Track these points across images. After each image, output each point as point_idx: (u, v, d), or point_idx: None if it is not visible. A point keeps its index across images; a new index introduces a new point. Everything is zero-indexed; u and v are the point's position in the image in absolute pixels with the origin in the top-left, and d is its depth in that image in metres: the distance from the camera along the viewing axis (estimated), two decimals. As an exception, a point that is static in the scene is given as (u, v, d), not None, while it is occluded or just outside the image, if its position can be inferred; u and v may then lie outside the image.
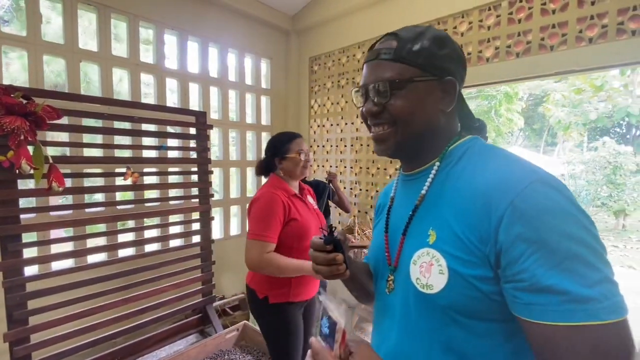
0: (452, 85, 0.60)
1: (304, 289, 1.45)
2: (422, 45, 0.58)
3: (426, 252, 0.56)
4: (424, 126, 0.60)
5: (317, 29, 3.44)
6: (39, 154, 1.58)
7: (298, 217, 1.40)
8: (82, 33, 2.30)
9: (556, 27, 2.03)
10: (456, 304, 0.52)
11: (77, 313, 1.96)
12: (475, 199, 0.52)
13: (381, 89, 0.59)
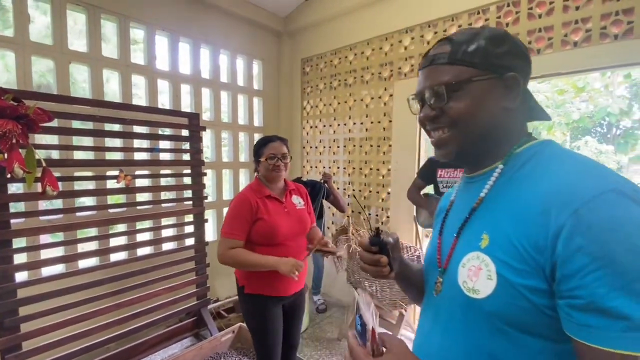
0: (514, 81, 0.56)
1: (280, 286, 1.51)
2: (478, 45, 0.56)
3: (476, 255, 0.54)
4: (486, 126, 0.57)
5: (308, 31, 3.45)
6: (31, 157, 1.55)
7: (265, 217, 1.48)
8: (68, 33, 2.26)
9: (542, 31, 2.10)
10: (503, 312, 0.49)
11: (69, 319, 1.92)
12: (535, 205, 0.48)
13: (438, 92, 0.58)
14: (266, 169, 1.55)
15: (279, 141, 1.60)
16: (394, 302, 2.32)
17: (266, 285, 1.50)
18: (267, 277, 1.47)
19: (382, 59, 2.90)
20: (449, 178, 2.22)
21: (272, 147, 1.56)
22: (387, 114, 2.90)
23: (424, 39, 2.62)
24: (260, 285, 1.50)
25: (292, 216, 1.56)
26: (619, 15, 1.84)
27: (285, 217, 1.53)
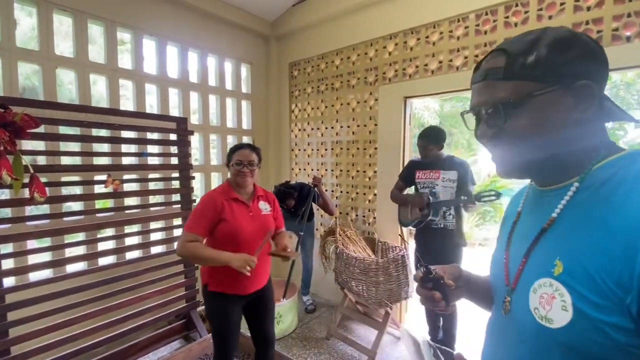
0: (587, 89, 0.49)
1: (241, 285, 1.59)
2: (539, 55, 0.50)
3: (549, 282, 0.49)
4: (553, 143, 0.52)
5: (296, 35, 3.51)
6: (19, 164, 1.56)
7: (229, 219, 1.56)
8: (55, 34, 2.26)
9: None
10: (580, 346, 0.46)
11: (58, 323, 1.94)
12: (619, 235, 0.43)
13: (495, 111, 0.53)
14: (233, 173, 1.64)
15: (248, 149, 1.68)
16: (380, 301, 2.38)
17: (228, 283, 1.58)
18: (230, 275, 1.53)
19: (367, 64, 2.97)
20: (426, 179, 2.31)
21: (240, 154, 1.64)
22: (373, 117, 2.97)
23: (407, 45, 2.70)
24: (223, 283, 1.58)
25: (256, 220, 1.64)
26: (589, 24, 1.95)
27: (249, 220, 1.61)
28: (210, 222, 1.55)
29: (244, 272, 1.43)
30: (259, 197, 1.73)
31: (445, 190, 2.23)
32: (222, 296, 1.60)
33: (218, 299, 1.61)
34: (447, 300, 0.69)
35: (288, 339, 2.69)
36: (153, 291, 2.40)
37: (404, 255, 2.45)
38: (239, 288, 1.60)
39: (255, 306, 1.72)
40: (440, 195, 2.25)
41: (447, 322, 2.31)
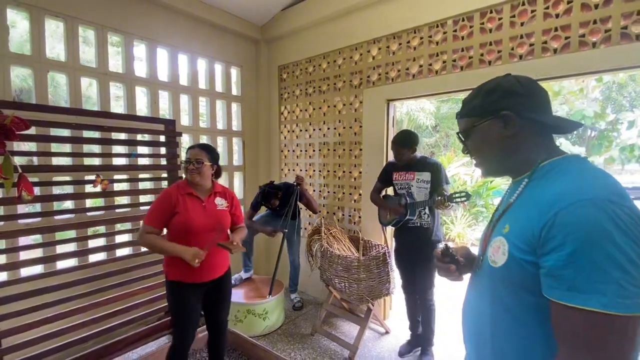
0: (508, 116, 0.75)
1: (195, 274, 1.72)
2: (475, 101, 0.81)
3: (499, 239, 0.75)
4: (497, 153, 0.80)
5: (285, 39, 3.59)
6: (8, 164, 1.64)
7: (181, 212, 1.69)
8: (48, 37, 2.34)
9: (493, 44, 2.28)
10: (511, 276, 0.71)
11: (47, 317, 2.01)
12: (539, 205, 0.66)
13: (460, 137, 0.87)
14: (184, 170, 1.78)
15: (198, 148, 1.79)
16: (361, 298, 2.46)
17: (184, 273, 1.71)
18: (185, 266, 1.66)
19: (353, 67, 3.05)
20: (402, 180, 2.39)
21: (189, 153, 1.77)
22: (358, 119, 3.05)
23: (390, 49, 2.79)
24: (179, 273, 1.72)
25: (209, 214, 1.77)
26: (558, 31, 2.03)
27: (201, 214, 1.73)
28: (164, 216, 1.68)
29: (193, 264, 1.59)
30: (216, 193, 1.84)
31: (420, 190, 2.31)
32: (179, 285, 1.73)
33: (175, 288, 1.74)
34: (459, 272, 0.93)
35: (274, 335, 2.77)
36: (141, 287, 2.47)
37: (385, 253, 2.52)
38: (194, 277, 1.73)
39: (211, 294, 1.84)
40: (415, 196, 2.33)
41: (425, 317, 2.38)
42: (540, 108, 0.77)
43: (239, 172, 3.74)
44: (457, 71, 2.45)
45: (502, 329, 0.75)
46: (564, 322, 0.62)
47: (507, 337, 0.74)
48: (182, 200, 1.71)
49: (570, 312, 0.59)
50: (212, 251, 1.74)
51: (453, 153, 8.97)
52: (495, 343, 0.77)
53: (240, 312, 2.72)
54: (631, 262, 0.56)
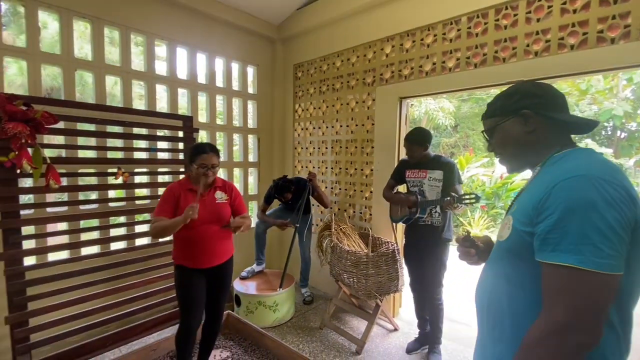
0: (528, 114, 0.85)
1: (199, 260, 1.84)
2: (497, 103, 0.93)
3: (507, 217, 0.84)
4: (518, 148, 0.89)
5: (300, 38, 3.65)
6: (38, 155, 1.78)
7: (182, 206, 1.77)
8: (76, 38, 2.49)
9: (508, 41, 2.24)
10: (511, 246, 0.80)
11: (71, 300, 2.15)
12: (543, 184, 0.75)
13: (485, 136, 0.97)
14: (197, 174, 1.81)
15: (211, 153, 1.83)
16: (369, 293, 2.48)
17: (189, 258, 1.83)
18: (187, 252, 1.81)
19: (366, 65, 3.07)
20: (415, 178, 2.38)
21: (203, 159, 1.80)
22: (370, 117, 3.07)
23: (403, 47, 2.79)
24: (184, 258, 1.83)
25: (208, 207, 1.85)
26: (575, 27, 1.98)
27: (200, 208, 1.76)
28: (171, 207, 1.78)
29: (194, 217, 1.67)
30: (216, 188, 1.92)
31: (432, 189, 2.31)
32: (184, 269, 1.84)
33: (181, 272, 1.85)
34: (478, 257, 1.02)
35: (283, 327, 2.83)
36: (158, 276, 2.59)
37: (395, 250, 2.53)
38: (197, 262, 1.84)
39: (214, 280, 1.94)
40: (427, 194, 2.33)
41: (433, 316, 2.38)
42: (556, 108, 0.85)
43: (253, 169, 3.83)
44: (470, 68, 2.42)
45: (501, 299, 0.83)
46: (547, 279, 0.70)
47: (505, 304, 0.81)
48: (184, 195, 1.81)
49: (552, 270, 0.68)
50: (216, 239, 1.86)
51: (472, 153, 8.78)
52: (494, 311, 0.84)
53: (251, 304, 2.80)
54: (611, 228, 0.64)
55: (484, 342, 0.90)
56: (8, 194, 1.92)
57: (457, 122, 11.81)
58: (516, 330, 0.77)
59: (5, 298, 1.96)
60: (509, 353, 0.77)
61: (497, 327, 0.83)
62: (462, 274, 3.90)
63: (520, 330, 0.76)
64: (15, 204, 1.96)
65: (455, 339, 2.66)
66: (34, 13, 2.26)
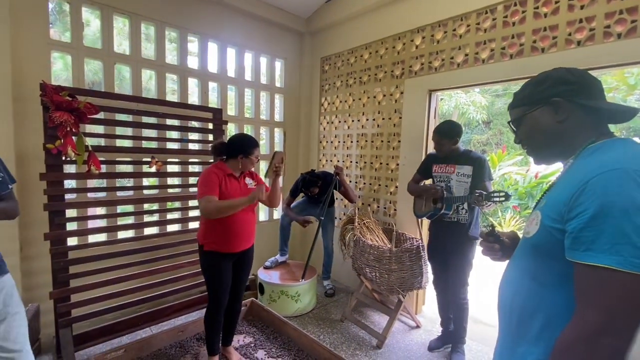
0: (559, 102, 0.79)
1: (231, 244, 1.92)
2: (525, 91, 0.87)
3: (535, 213, 0.79)
4: (548, 139, 0.83)
5: (328, 31, 3.64)
6: (81, 142, 1.90)
7: (223, 190, 1.87)
8: (116, 34, 2.63)
9: (547, 30, 2.12)
10: (539, 243, 0.75)
11: (108, 280, 2.30)
12: (576, 178, 0.69)
13: (511, 126, 0.91)
14: (251, 164, 1.96)
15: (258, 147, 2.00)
16: (392, 288, 2.46)
17: (219, 244, 1.89)
18: (221, 237, 1.88)
19: (395, 57, 3.01)
20: (442, 173, 2.32)
21: (257, 151, 1.98)
22: (398, 110, 3.01)
23: (434, 38, 2.71)
24: (216, 243, 1.89)
25: (244, 192, 1.96)
26: (623, 14, 1.84)
27: (239, 192, 1.93)
28: (217, 187, 1.84)
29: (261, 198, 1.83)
30: (245, 175, 2.04)
31: (460, 184, 2.23)
32: (216, 254, 1.91)
33: (212, 257, 1.92)
34: (502, 253, 0.98)
35: (305, 317, 2.87)
36: (188, 261, 2.70)
37: (419, 247, 2.49)
38: (229, 247, 1.91)
39: (238, 264, 2.04)
40: (454, 190, 2.26)
41: (458, 315, 2.32)
42: (591, 95, 0.78)
43: (279, 161, 3.88)
44: (506, 59, 2.31)
45: (527, 297, 0.78)
46: (581, 280, 0.65)
47: (530, 303, 0.77)
48: (224, 179, 1.89)
49: (586, 270, 0.63)
50: (248, 224, 1.98)
51: (505, 151, 8.40)
52: (519, 310, 0.80)
53: (274, 292, 2.86)
54: None
55: (505, 340, 0.86)
56: (55, 179, 2.07)
57: (490, 119, 11.32)
58: (541, 330, 0.74)
59: (50, 275, 2.12)
60: (533, 353, 0.74)
61: (521, 326, 0.79)
62: (489, 272, 3.77)
63: (545, 330, 0.73)
64: (61, 188, 2.11)
65: (480, 339, 2.59)
66: (78, 10, 2.41)
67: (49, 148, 1.94)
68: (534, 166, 7.54)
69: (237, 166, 1.95)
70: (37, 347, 2.22)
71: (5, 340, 1.32)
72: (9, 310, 1.34)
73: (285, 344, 2.36)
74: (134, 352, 2.14)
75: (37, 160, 2.13)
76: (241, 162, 1.94)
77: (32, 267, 2.30)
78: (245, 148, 1.94)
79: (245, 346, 2.33)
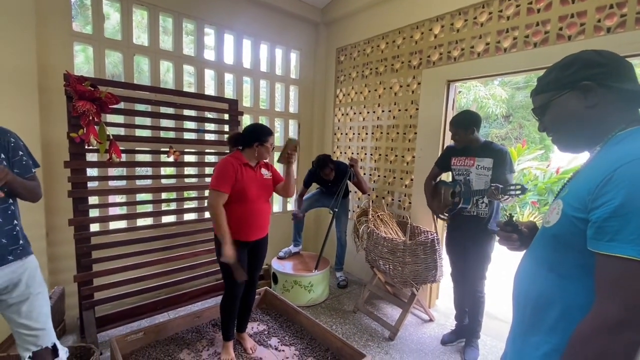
0: (589, 86, 0.74)
1: (246, 233, 1.94)
2: (550, 76, 0.82)
3: (556, 202, 0.77)
4: (576, 125, 0.78)
5: (344, 21, 3.59)
6: (103, 131, 1.96)
7: (240, 179, 1.89)
8: (135, 27, 2.67)
9: (575, 16, 2.03)
10: (559, 233, 0.73)
11: (128, 265, 2.37)
12: (603, 166, 0.66)
13: (536, 114, 0.88)
14: (267, 152, 1.98)
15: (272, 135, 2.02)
16: (405, 281, 2.45)
17: (234, 233, 1.89)
18: (236, 226, 1.89)
19: (412, 47, 2.95)
20: (461, 166, 2.26)
21: (272, 139, 2.00)
22: (415, 101, 2.96)
23: (454, 26, 2.63)
24: (235, 232, 1.90)
25: (260, 182, 1.99)
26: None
27: (255, 182, 1.96)
28: (231, 180, 1.86)
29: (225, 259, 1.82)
30: (261, 166, 2.05)
31: (479, 178, 2.17)
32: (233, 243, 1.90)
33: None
34: (520, 243, 0.95)
35: (317, 307, 2.90)
36: (204, 249, 2.76)
37: (434, 240, 2.46)
38: (244, 236, 1.94)
39: (253, 252, 2.06)
40: (474, 183, 2.20)
41: (473, 308, 2.29)
42: (624, 77, 0.74)
43: (293, 153, 3.89)
44: (529, 48, 2.23)
45: (543, 287, 0.77)
46: (603, 272, 0.63)
47: (547, 294, 0.75)
48: (240, 169, 1.91)
49: (608, 261, 0.61)
50: (264, 213, 2.00)
51: (524, 145, 8.15)
52: (535, 300, 0.78)
53: (287, 282, 2.89)
54: None
55: (519, 329, 0.85)
56: (78, 167, 2.14)
57: (510, 112, 10.98)
58: (557, 321, 0.73)
59: (74, 260, 2.21)
60: (548, 342, 0.73)
61: (536, 316, 0.78)
62: (507, 267, 3.70)
63: (561, 322, 0.71)
64: (84, 175, 2.18)
65: (495, 335, 2.55)
66: (99, 2, 2.45)
67: (72, 137, 2.01)
68: (555, 161, 7.29)
69: (253, 155, 1.97)
70: (62, 327, 2.33)
71: (28, 319, 1.39)
72: (32, 291, 1.40)
73: (298, 333, 2.40)
74: (152, 336, 2.21)
75: (61, 148, 2.21)
76: (257, 150, 1.95)
77: (57, 251, 2.40)
78: (261, 136, 1.96)
79: (259, 333, 2.38)
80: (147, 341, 2.19)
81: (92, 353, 1.93)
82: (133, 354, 2.09)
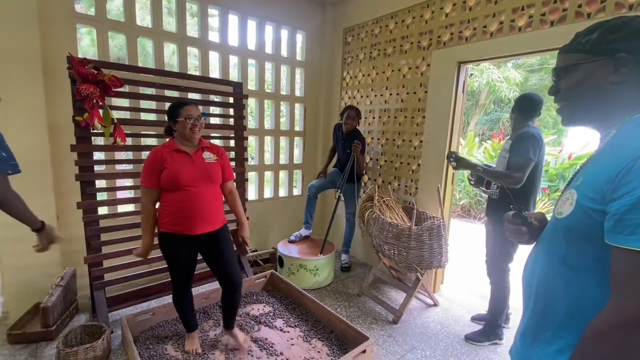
0: (624, 59, 0.66)
1: (188, 225, 1.73)
2: (592, 34, 0.71)
3: (570, 192, 0.72)
4: (592, 99, 0.71)
5: (352, 0, 3.46)
6: (107, 115, 1.95)
7: (169, 167, 1.69)
8: (138, 9, 2.62)
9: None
10: (573, 225, 0.68)
11: (136, 247, 2.41)
12: (621, 153, 0.61)
13: (555, 74, 0.78)
14: (184, 127, 1.72)
15: (193, 105, 1.77)
16: (410, 266, 2.45)
17: (178, 223, 1.72)
18: (180, 215, 1.71)
19: (422, 27, 2.84)
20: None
21: (188, 109, 1.72)
22: (424, 84, 2.88)
23: (466, 5, 2.51)
24: (173, 224, 1.73)
25: (197, 167, 1.76)
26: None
27: (189, 166, 1.73)
28: (156, 174, 1.70)
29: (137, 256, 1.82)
30: (203, 148, 1.84)
31: (501, 160, 2.19)
32: (172, 237, 1.75)
33: (168, 240, 1.76)
34: (530, 235, 0.90)
35: (322, 290, 2.93)
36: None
37: (440, 226, 2.44)
38: (188, 228, 1.73)
39: (209, 248, 1.85)
40: (496, 165, 2.25)
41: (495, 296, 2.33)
42: None
43: (299, 138, 3.86)
44: (545, 27, 2.12)
45: (555, 281, 0.74)
46: (620, 266, 0.59)
47: (559, 288, 0.72)
48: (170, 156, 1.72)
49: (628, 255, 0.58)
50: (207, 201, 1.77)
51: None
52: (546, 294, 0.75)
53: (293, 265, 2.93)
54: None
55: (530, 323, 0.82)
56: (84, 150, 2.15)
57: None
58: (569, 317, 0.70)
59: (84, 242, 2.26)
60: (561, 337, 0.71)
61: (547, 312, 0.75)
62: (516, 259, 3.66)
63: (573, 318, 0.69)
64: (90, 159, 2.20)
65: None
66: (101, -18, 2.40)
67: (77, 120, 2.01)
68: (567, 146, 7.11)
69: (184, 137, 1.75)
70: (74, 307, 2.40)
71: None
72: None
73: (302, 315, 2.43)
74: (161, 316, 2.27)
75: (68, 132, 2.22)
76: (177, 130, 1.75)
77: (68, 233, 2.44)
78: (171, 112, 1.74)
79: (265, 315, 2.42)
80: (156, 321, 2.25)
81: (103, 331, 2.00)
82: (143, 332, 2.16)
